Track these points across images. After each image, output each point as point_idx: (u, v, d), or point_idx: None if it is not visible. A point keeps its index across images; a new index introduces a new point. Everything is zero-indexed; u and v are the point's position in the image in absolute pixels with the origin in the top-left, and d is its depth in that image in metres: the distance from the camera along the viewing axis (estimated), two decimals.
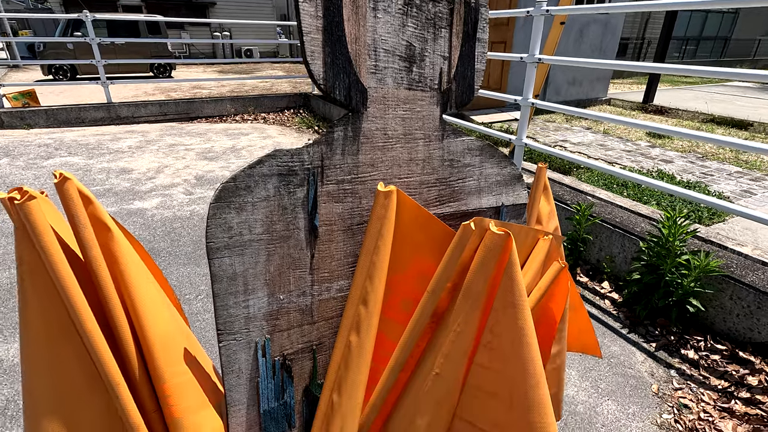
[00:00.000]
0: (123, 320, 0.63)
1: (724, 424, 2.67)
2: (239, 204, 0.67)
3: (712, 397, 2.86)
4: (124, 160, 5.95)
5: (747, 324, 3.13)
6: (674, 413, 2.79)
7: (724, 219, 4.64)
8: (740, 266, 3.29)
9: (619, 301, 3.79)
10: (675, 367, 3.11)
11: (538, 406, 0.76)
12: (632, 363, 3.17)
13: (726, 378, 2.98)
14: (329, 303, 0.79)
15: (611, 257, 3.97)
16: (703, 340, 3.29)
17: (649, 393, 2.93)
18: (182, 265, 3.97)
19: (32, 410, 0.63)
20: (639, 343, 3.34)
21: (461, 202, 0.89)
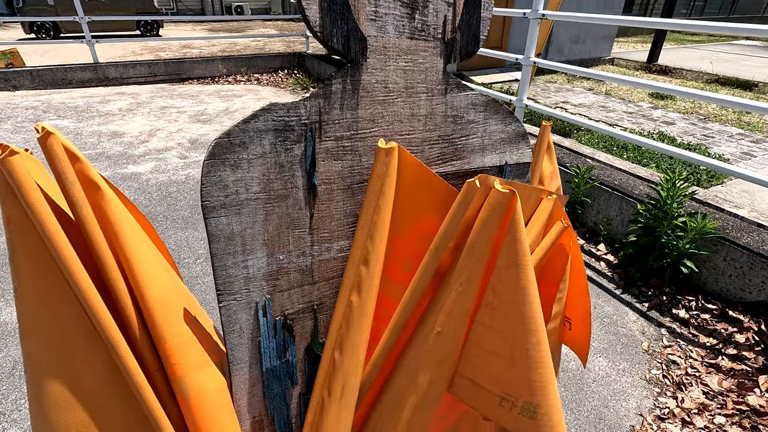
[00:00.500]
0: (119, 280, 0.61)
1: (710, 379, 2.77)
2: (234, 161, 0.64)
3: (700, 353, 2.96)
4: (115, 123, 5.80)
5: (738, 284, 3.19)
6: (663, 369, 2.89)
7: (723, 182, 4.63)
8: (736, 228, 3.31)
9: (614, 263, 3.84)
10: (666, 326, 3.20)
11: (538, 363, 0.77)
12: (624, 322, 3.25)
13: (715, 336, 3.07)
14: (330, 263, 0.78)
15: (608, 220, 3.98)
16: (694, 300, 3.36)
17: (639, 350, 3.02)
18: (180, 230, 3.96)
19: (33, 372, 0.63)
20: (632, 304, 3.42)
21: (464, 161, 0.86)
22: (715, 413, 2.52)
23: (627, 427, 2.48)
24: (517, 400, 0.79)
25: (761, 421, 2.44)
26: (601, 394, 2.67)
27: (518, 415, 0.79)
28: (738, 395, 2.60)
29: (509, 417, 0.80)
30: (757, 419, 2.45)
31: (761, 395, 2.60)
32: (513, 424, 0.80)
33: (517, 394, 0.79)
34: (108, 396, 0.63)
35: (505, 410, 0.81)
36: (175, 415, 0.71)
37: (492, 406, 0.81)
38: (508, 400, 0.80)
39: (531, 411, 0.79)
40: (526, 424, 0.79)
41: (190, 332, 0.69)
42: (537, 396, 0.78)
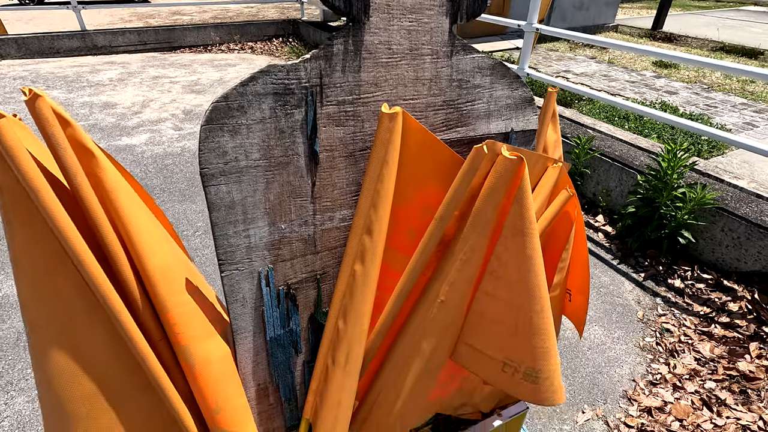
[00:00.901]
0: (118, 249, 0.60)
1: (702, 346, 2.83)
2: (233, 126, 0.61)
3: (694, 322, 3.01)
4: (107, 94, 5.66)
5: (735, 254, 3.21)
6: (656, 337, 2.96)
7: (723, 152, 4.60)
8: (735, 199, 3.31)
9: (612, 234, 3.85)
10: (661, 296, 3.25)
11: (541, 331, 0.77)
12: (620, 292, 3.30)
13: (708, 305, 3.12)
14: (332, 233, 0.77)
15: (607, 191, 3.97)
16: (690, 270, 3.40)
17: (634, 319, 3.08)
18: (177, 202, 3.94)
19: (36, 343, 0.62)
20: (628, 274, 3.46)
21: (469, 128, 0.84)
22: (705, 378, 2.59)
23: (620, 392, 2.55)
24: (519, 366, 0.80)
25: (750, 386, 2.52)
26: (595, 362, 2.74)
27: (520, 380, 0.81)
28: (729, 361, 2.67)
29: (511, 382, 0.82)
30: (746, 384, 2.53)
31: (751, 361, 2.67)
32: (515, 388, 0.82)
33: (520, 360, 0.80)
34: (112, 364, 0.63)
35: (507, 375, 0.82)
36: (181, 382, 0.71)
37: (494, 372, 0.82)
38: (510, 366, 0.81)
39: (533, 376, 0.80)
40: (528, 389, 0.81)
41: (193, 302, 0.68)
42: (539, 362, 0.79)
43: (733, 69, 3.03)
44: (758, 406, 2.40)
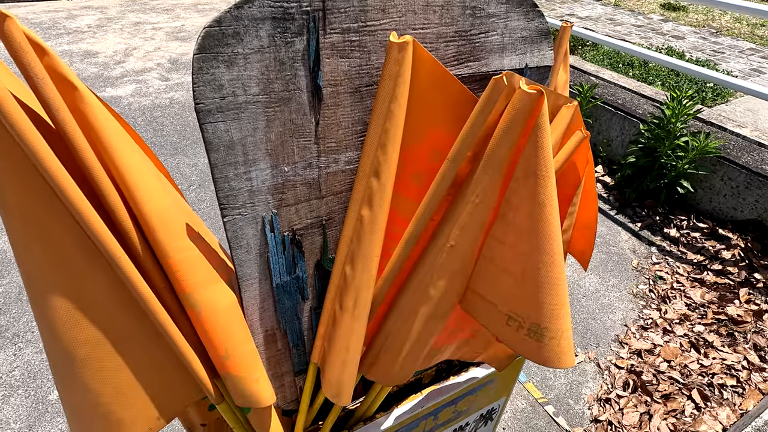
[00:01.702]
0: (112, 192, 0.56)
1: (694, 292, 2.91)
2: (229, 56, 0.56)
3: (687, 269, 3.07)
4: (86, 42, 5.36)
5: (732, 204, 3.22)
6: (650, 284, 3.03)
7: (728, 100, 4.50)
8: (737, 147, 3.27)
9: (611, 184, 3.84)
10: (656, 245, 3.29)
11: (550, 285, 0.73)
12: (617, 242, 3.33)
13: (702, 253, 3.17)
14: (337, 176, 0.73)
15: (608, 141, 3.91)
16: (686, 220, 3.42)
17: (629, 268, 3.13)
18: (169, 156, 3.84)
19: (35, 293, 0.60)
20: (625, 224, 3.48)
21: (482, 62, 0.78)
22: (695, 323, 2.68)
23: (612, 337, 2.64)
24: (524, 321, 0.76)
25: (737, 329, 2.61)
26: (589, 308, 2.81)
27: (524, 336, 0.77)
28: (718, 306, 2.75)
29: (515, 337, 0.78)
30: (734, 327, 2.62)
31: (740, 306, 2.75)
32: (519, 345, 0.79)
33: (525, 315, 0.76)
34: (115, 311, 0.61)
35: (511, 330, 0.79)
36: (188, 329, 0.70)
37: (499, 325, 0.80)
38: (514, 320, 0.78)
39: (538, 333, 0.76)
40: (532, 346, 0.77)
41: (195, 248, 0.66)
42: (545, 319, 0.74)
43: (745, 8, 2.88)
44: (743, 348, 2.50)
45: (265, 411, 0.80)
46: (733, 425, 2.11)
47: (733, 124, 3.47)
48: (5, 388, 2.19)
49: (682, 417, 2.17)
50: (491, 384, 1.21)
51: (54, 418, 2.09)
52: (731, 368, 2.39)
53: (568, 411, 2.23)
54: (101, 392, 0.64)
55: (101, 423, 0.65)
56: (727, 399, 2.25)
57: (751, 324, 2.60)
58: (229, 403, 0.79)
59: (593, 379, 2.37)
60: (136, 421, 0.69)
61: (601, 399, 2.28)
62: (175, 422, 2.09)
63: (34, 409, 2.10)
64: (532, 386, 2.35)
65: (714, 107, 4.36)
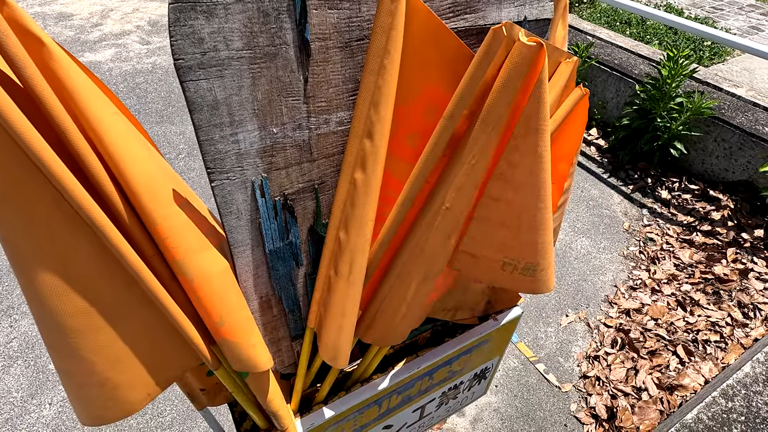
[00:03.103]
0: (91, 155, 0.53)
1: (683, 253, 2.96)
2: (207, 6, 0.51)
3: (677, 231, 3.12)
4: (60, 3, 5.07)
5: (724, 165, 3.23)
6: (640, 246, 3.07)
7: (724, 59, 4.43)
8: (732, 108, 3.25)
9: (604, 147, 3.82)
10: (647, 207, 3.32)
11: (543, 226, 0.77)
12: (609, 204, 3.35)
13: (692, 214, 3.21)
14: (329, 138, 0.70)
15: (603, 103, 3.86)
16: (678, 181, 3.44)
17: (620, 230, 3.17)
18: (155, 124, 3.73)
19: (19, 263, 0.58)
20: (618, 186, 3.49)
21: (478, 14, 0.74)
22: (682, 282, 2.74)
23: (602, 297, 2.70)
24: (518, 263, 0.82)
25: (722, 287, 2.68)
26: (581, 270, 2.86)
27: (519, 275, 0.83)
28: (706, 266, 2.81)
29: (510, 278, 0.84)
30: (719, 286, 2.68)
31: (726, 265, 2.81)
32: (512, 283, 0.84)
33: (520, 257, 0.81)
34: (103, 281, 0.60)
35: (506, 273, 0.84)
36: (180, 297, 0.69)
37: (493, 272, 0.84)
38: (510, 264, 0.83)
39: (531, 269, 0.83)
40: (526, 281, 0.84)
41: (184, 214, 0.64)
42: (538, 256, 0.80)
43: None
44: (728, 305, 2.57)
45: (263, 375, 0.81)
46: (714, 378, 2.20)
47: (728, 83, 3.42)
48: (4, 359, 2.21)
49: (667, 371, 2.26)
50: (485, 344, 1.24)
51: (55, 386, 2.12)
52: (715, 324, 2.47)
53: (558, 368, 2.31)
54: (95, 361, 0.64)
55: (97, 390, 0.65)
56: (710, 354, 2.34)
57: (737, 282, 2.67)
58: (227, 368, 0.79)
59: (583, 338, 2.45)
60: (133, 386, 0.69)
61: (590, 356, 2.35)
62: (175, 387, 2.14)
63: (35, 378, 2.13)
64: (524, 346, 2.42)
65: (710, 67, 4.29)
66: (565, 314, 2.62)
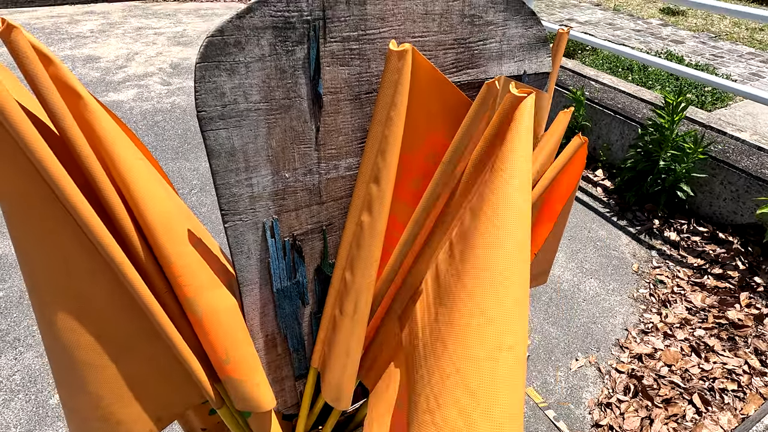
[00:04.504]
0: (115, 197, 0.57)
1: (694, 296, 2.90)
2: (230, 65, 0.57)
3: (687, 273, 3.07)
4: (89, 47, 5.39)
5: (732, 207, 3.23)
6: (650, 288, 3.02)
7: (727, 104, 4.52)
8: (736, 151, 3.28)
9: (611, 188, 3.84)
10: (656, 248, 3.29)
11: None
12: (617, 245, 3.34)
13: (703, 257, 3.17)
14: (338, 182, 0.74)
15: (608, 145, 3.92)
16: (686, 223, 3.42)
17: (629, 271, 3.13)
18: (171, 161, 3.86)
19: (37, 295, 0.60)
20: (625, 228, 3.48)
21: (480, 69, 0.79)
22: (696, 327, 2.68)
23: (612, 341, 2.64)
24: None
25: (738, 333, 2.61)
26: (590, 312, 2.81)
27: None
28: (719, 310, 2.75)
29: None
30: (734, 331, 2.61)
31: (740, 310, 2.75)
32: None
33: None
34: (117, 315, 0.62)
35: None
36: (189, 334, 0.71)
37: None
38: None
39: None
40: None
41: (197, 253, 0.66)
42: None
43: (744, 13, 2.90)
44: (744, 352, 2.49)
45: (265, 415, 0.81)
46: (734, 429, 2.10)
47: (732, 128, 3.48)
48: (6, 393, 2.19)
49: (683, 422, 2.17)
50: None
51: (54, 423, 2.09)
52: (732, 372, 2.39)
53: (568, 416, 2.22)
54: (101, 395, 0.65)
55: (99, 424, 0.66)
56: (728, 403, 2.24)
57: (752, 328, 2.60)
58: (230, 407, 0.79)
59: (594, 384, 2.37)
60: (136, 422, 0.69)
61: (602, 403, 2.27)
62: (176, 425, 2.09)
63: (35, 414, 2.10)
64: (533, 391, 2.35)
65: (713, 111, 4.37)
66: (575, 358, 2.56)
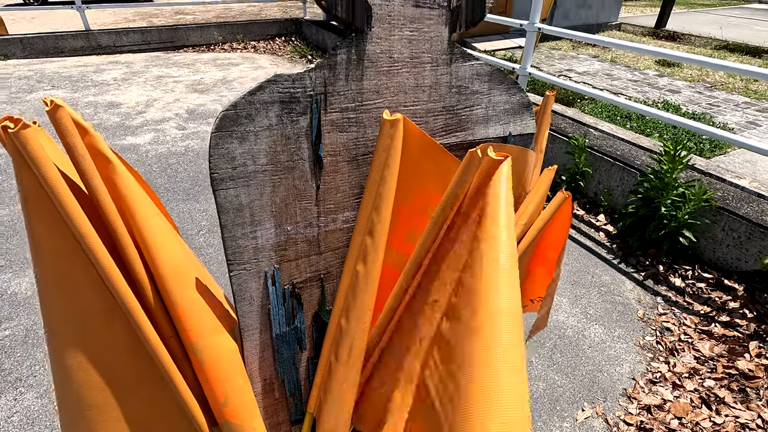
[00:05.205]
0: (132, 249, 0.63)
1: (702, 345, 2.85)
2: (241, 133, 0.64)
3: (694, 321, 3.03)
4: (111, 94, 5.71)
5: (735, 254, 3.23)
6: (656, 336, 2.98)
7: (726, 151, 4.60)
8: (736, 198, 3.33)
9: (613, 233, 3.87)
10: (661, 295, 3.27)
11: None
12: (621, 291, 3.32)
13: (709, 304, 3.14)
14: (336, 234, 0.80)
15: (609, 190, 3.99)
16: (690, 270, 3.41)
17: (634, 318, 3.10)
18: (181, 201, 3.98)
19: (55, 337, 0.66)
20: (629, 273, 3.47)
21: (468, 132, 0.87)
22: (705, 377, 2.61)
23: (620, 390, 2.58)
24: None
25: (749, 384, 2.54)
26: (595, 360, 2.76)
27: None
28: (728, 360, 2.69)
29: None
30: (745, 382, 2.54)
31: (750, 360, 2.69)
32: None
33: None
34: (128, 358, 0.66)
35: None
36: (191, 377, 0.74)
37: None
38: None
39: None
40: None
41: (202, 300, 0.72)
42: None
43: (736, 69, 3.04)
44: (757, 405, 2.42)
45: None
46: None
47: (731, 175, 3.54)
48: None
49: None
50: None
51: None
52: (745, 426, 2.31)
53: None
54: None
55: None
56: None
57: (763, 379, 2.53)
58: None
59: None
60: None
61: None
62: None
63: None
64: None
65: (712, 158, 4.45)
66: (581, 408, 2.49)
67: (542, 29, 3.70)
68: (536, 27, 3.73)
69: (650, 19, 8.98)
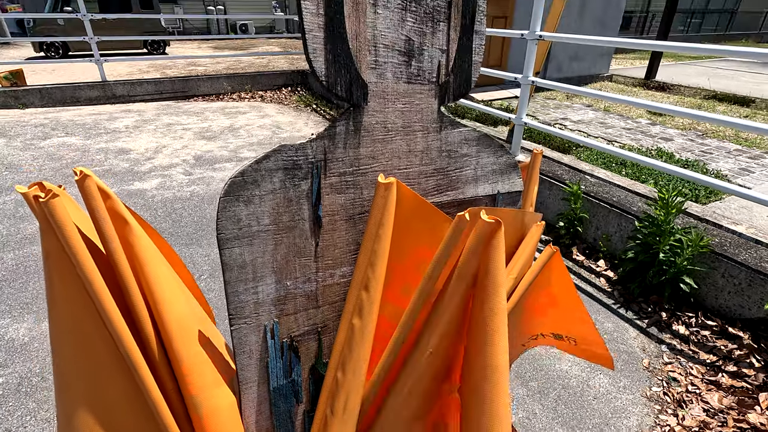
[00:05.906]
0: (142, 306, 0.67)
1: (710, 396, 2.78)
2: (247, 197, 0.70)
3: (701, 370, 2.97)
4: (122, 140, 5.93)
5: (737, 301, 3.21)
6: (663, 386, 2.91)
7: (721, 197, 4.68)
8: (734, 245, 3.36)
9: (614, 279, 3.87)
10: (666, 343, 3.22)
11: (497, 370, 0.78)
12: (625, 339, 3.27)
13: (714, 352, 3.09)
14: (333, 288, 0.84)
15: (607, 236, 4.03)
16: (694, 317, 3.38)
17: (640, 367, 3.04)
18: (184, 246, 4.03)
19: (62, 387, 0.68)
20: (632, 320, 3.44)
21: (458, 191, 0.93)
22: (715, 431, 2.53)
23: None
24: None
25: None
26: (601, 412, 2.68)
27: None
28: (738, 413, 2.62)
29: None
30: None
31: (761, 413, 2.61)
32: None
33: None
34: (130, 410, 0.69)
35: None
36: (188, 430, 0.76)
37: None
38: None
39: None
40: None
41: (205, 353, 0.75)
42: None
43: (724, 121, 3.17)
44: None
45: None
46: None
47: (728, 221, 3.59)
48: None
49: None
50: None
51: None
52: None
53: None
54: None
55: None
56: None
57: None
58: None
59: None
60: None
61: None
62: None
63: None
64: None
65: (708, 204, 4.52)
66: None
67: (535, 82, 3.90)
68: (530, 80, 3.93)
69: (640, 71, 9.41)
